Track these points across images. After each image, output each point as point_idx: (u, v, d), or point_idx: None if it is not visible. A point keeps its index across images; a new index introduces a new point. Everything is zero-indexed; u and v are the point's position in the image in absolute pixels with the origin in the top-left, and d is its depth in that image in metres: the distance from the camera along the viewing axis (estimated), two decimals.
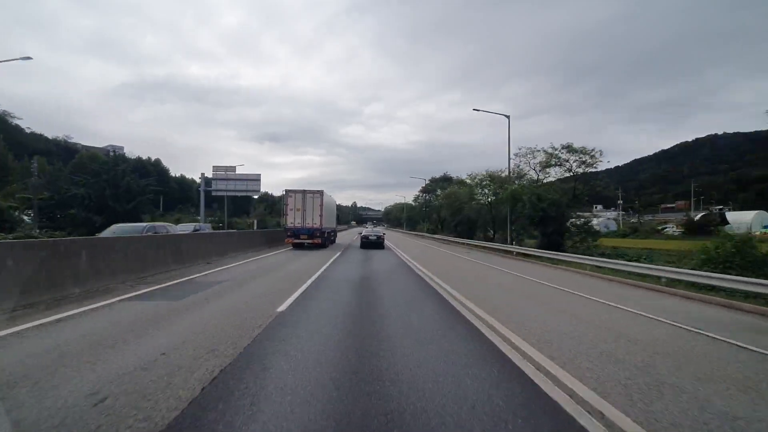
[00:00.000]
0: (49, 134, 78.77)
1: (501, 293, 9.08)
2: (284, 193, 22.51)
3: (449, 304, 7.65)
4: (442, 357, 4.41)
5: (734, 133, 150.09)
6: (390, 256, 18.23)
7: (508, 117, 23.04)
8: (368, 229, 26.00)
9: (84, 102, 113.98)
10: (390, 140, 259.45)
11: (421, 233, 49.86)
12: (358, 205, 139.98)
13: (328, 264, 14.04)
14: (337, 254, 18.45)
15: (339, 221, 49.48)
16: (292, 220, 21.41)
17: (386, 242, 24.98)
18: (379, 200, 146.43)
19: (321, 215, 21.50)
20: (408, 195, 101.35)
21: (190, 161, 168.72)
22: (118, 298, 7.17)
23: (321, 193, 21.92)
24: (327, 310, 6.72)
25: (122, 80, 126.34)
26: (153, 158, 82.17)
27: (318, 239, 21.52)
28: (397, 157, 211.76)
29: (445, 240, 32.89)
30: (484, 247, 25.72)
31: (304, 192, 21.86)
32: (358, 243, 23.82)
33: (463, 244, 28.66)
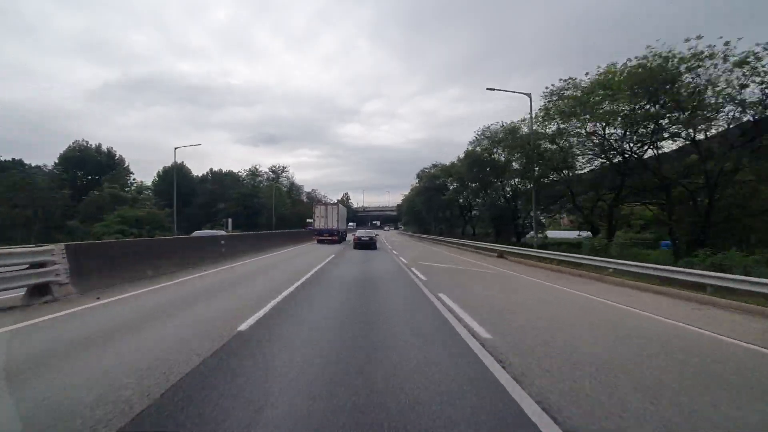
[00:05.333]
0: None
1: None
2: (313, 204, 35.43)
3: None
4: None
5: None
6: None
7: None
8: (361, 231, 28.69)
9: (69, 104, 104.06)
10: (391, 139, 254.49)
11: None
12: (355, 206, 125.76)
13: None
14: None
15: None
16: (318, 224, 29.80)
17: None
18: (378, 202, 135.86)
19: (337, 220, 29.79)
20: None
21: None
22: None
23: (338, 204, 31.74)
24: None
25: (109, 81, 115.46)
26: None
27: (335, 237, 29.49)
28: (399, 157, 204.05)
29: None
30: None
31: (326, 204, 31.41)
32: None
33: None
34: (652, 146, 15.31)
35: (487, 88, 19.67)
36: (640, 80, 13.20)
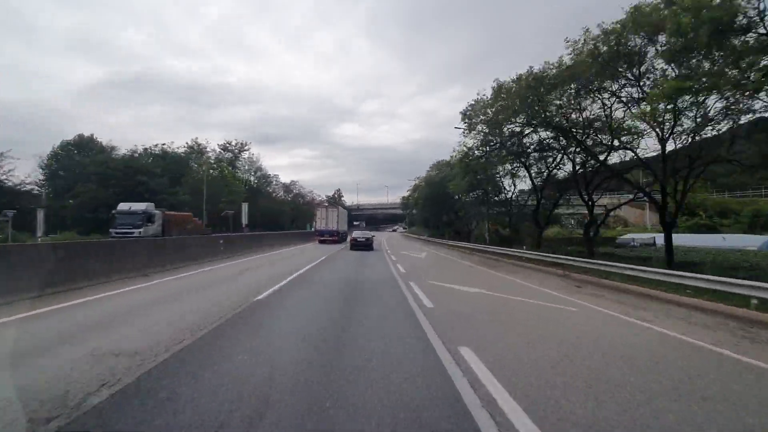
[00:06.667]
0: None
1: None
2: (315, 207, 40.04)
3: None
4: None
5: None
6: None
7: None
8: (357, 232, 27.15)
9: (60, 103, 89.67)
10: (390, 139, 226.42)
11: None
12: (348, 203, 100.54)
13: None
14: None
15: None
16: (320, 225, 33.18)
17: None
18: (375, 201, 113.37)
19: (337, 222, 33.32)
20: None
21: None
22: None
23: (338, 207, 38.03)
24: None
25: (103, 79, 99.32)
26: None
27: (336, 237, 32.37)
28: (398, 158, 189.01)
29: None
30: None
31: (327, 207, 36.66)
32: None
33: None
34: None
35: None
36: None
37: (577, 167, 19.49)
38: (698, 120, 12.04)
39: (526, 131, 18.05)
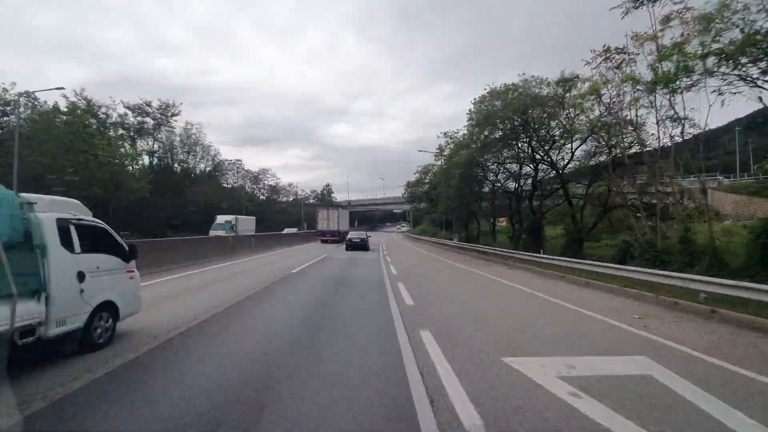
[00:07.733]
0: None
1: None
2: (317, 208, 41.86)
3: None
4: None
5: None
6: None
7: None
8: (353, 233, 27.26)
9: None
10: (383, 139, 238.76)
11: None
12: (338, 200, 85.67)
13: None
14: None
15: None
16: (322, 226, 34.66)
17: None
18: (368, 199, 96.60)
19: (338, 222, 34.59)
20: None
21: None
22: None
23: (338, 208, 39.09)
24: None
25: (90, 79, 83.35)
26: None
27: (337, 237, 33.28)
28: (390, 158, 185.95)
29: None
30: None
31: (328, 208, 38.22)
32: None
33: None
34: None
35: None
36: None
37: None
38: None
39: None
